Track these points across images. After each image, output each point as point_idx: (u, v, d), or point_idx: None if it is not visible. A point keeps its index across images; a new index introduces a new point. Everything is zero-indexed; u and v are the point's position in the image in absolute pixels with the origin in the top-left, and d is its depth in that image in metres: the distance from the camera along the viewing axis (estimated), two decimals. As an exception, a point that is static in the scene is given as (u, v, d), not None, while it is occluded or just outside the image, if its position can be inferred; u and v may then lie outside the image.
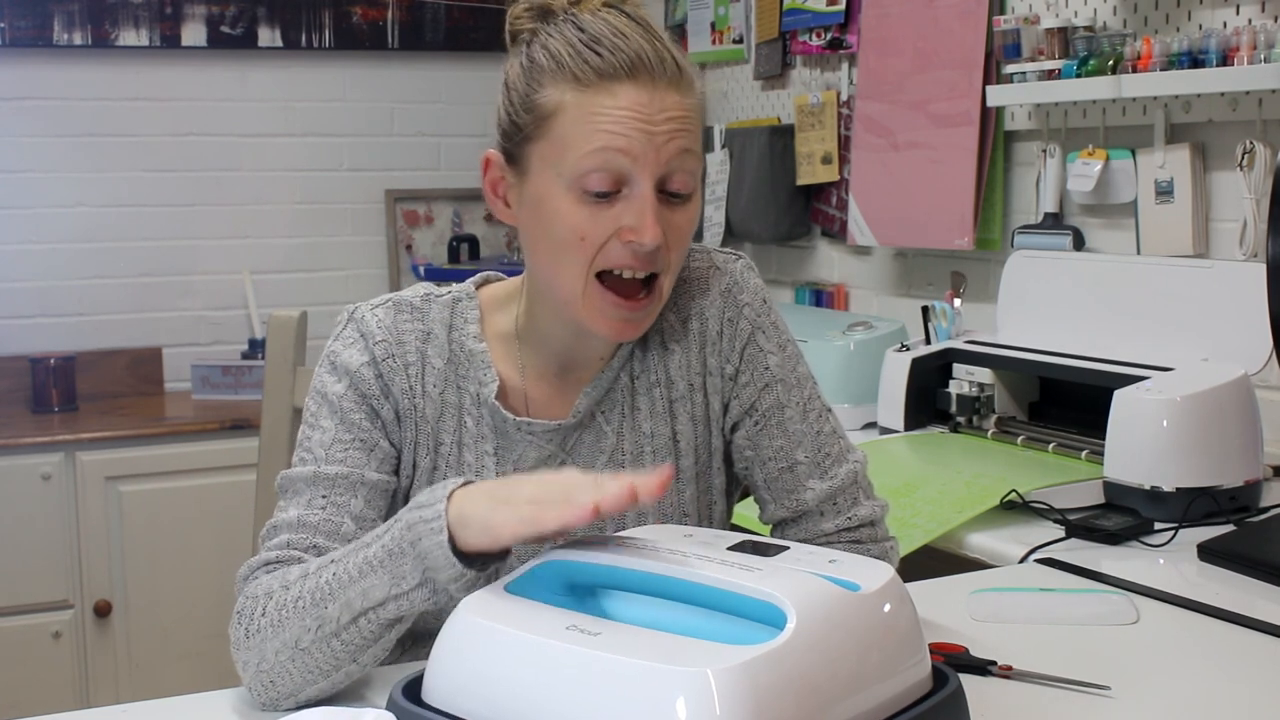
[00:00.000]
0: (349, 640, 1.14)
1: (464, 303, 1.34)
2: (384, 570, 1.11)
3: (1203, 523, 1.71)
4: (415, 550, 1.09)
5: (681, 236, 1.26)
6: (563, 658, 0.93)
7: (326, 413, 1.29)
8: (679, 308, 1.36)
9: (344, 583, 1.13)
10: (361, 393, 1.29)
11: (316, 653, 1.14)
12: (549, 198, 1.24)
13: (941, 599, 1.43)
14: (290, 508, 1.26)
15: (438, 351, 1.32)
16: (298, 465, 1.29)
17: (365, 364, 1.29)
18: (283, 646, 1.15)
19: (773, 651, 0.89)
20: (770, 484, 1.37)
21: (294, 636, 1.15)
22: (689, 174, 1.25)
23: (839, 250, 3.07)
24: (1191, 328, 1.98)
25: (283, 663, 1.15)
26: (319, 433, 1.28)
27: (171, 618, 3.07)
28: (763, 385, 1.35)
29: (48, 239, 3.42)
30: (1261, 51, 1.95)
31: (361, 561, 1.12)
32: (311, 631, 1.14)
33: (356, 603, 1.12)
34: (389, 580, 1.10)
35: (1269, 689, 1.23)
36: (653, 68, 1.22)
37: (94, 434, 3.02)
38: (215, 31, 3.52)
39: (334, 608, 1.13)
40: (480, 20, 3.79)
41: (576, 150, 1.21)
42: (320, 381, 1.31)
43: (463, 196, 3.83)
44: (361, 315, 1.32)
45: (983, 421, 2.20)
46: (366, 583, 1.11)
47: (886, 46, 2.77)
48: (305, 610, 1.14)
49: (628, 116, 1.21)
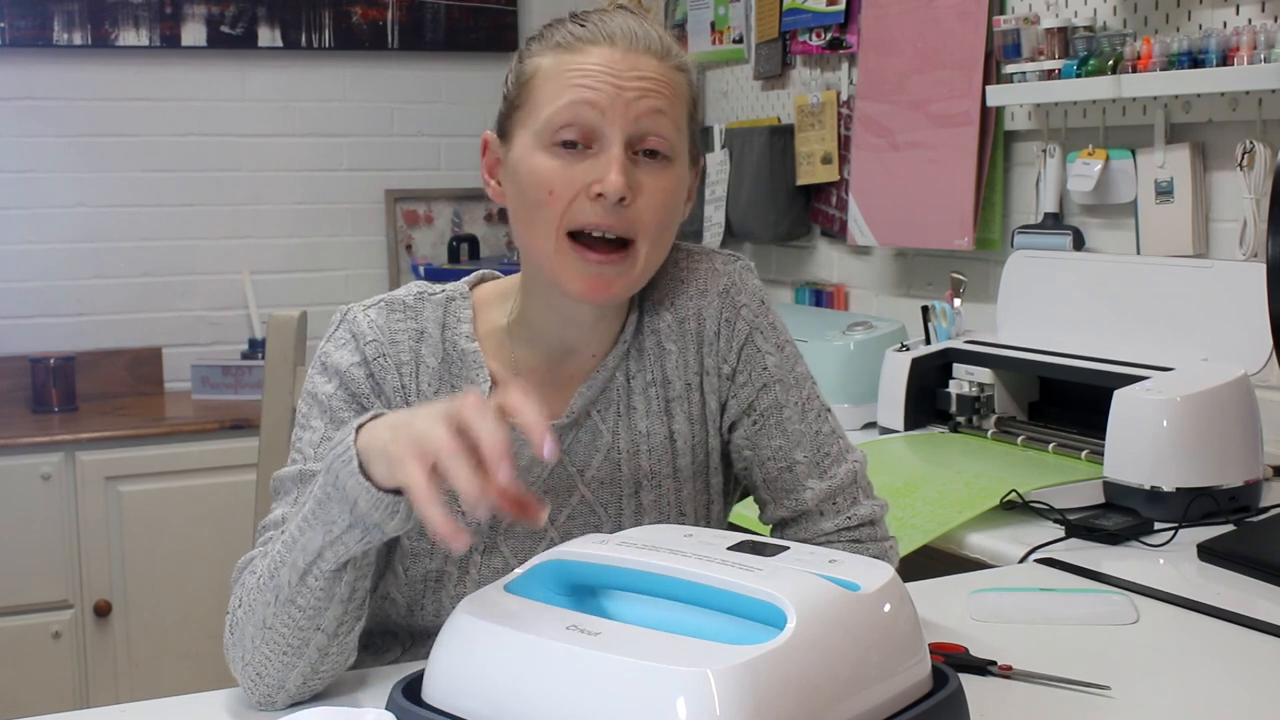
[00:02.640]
0: (304, 605, 1.13)
1: (457, 301, 1.34)
2: (317, 521, 1.11)
3: (1202, 523, 1.71)
4: (338, 489, 1.08)
5: (657, 200, 1.25)
6: (563, 658, 0.93)
7: (317, 413, 1.29)
8: (676, 308, 1.35)
9: (289, 545, 1.13)
10: (351, 392, 1.29)
11: (281, 627, 1.14)
12: (524, 158, 1.26)
13: (941, 599, 1.43)
14: (278, 507, 1.27)
15: (431, 350, 1.31)
16: (290, 464, 1.29)
17: (356, 364, 1.29)
18: (255, 630, 1.16)
19: (773, 651, 0.89)
20: (769, 484, 1.37)
21: (260, 616, 1.15)
22: (663, 134, 1.25)
23: (839, 250, 3.07)
24: (1191, 328, 1.98)
25: (259, 648, 1.16)
26: (309, 433, 1.29)
27: (171, 618, 3.07)
28: (760, 385, 1.35)
29: (48, 239, 3.42)
30: (1261, 51, 1.95)
31: (300, 520, 1.13)
32: (272, 605, 1.14)
33: (299, 561, 1.12)
34: (322, 529, 1.10)
35: (1269, 689, 1.23)
36: (633, 36, 1.26)
37: (94, 434, 3.02)
38: (215, 31, 3.52)
39: (284, 572, 1.14)
40: (480, 20, 3.79)
41: (549, 106, 1.24)
42: (311, 383, 1.31)
43: (463, 196, 3.84)
44: (354, 316, 1.32)
45: (983, 421, 2.20)
46: (305, 538, 1.12)
47: (886, 46, 2.77)
48: (264, 586, 1.15)
49: (599, 71, 1.24)
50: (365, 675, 1.24)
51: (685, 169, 1.30)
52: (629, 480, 1.34)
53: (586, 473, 1.33)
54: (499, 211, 3.87)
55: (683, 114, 1.28)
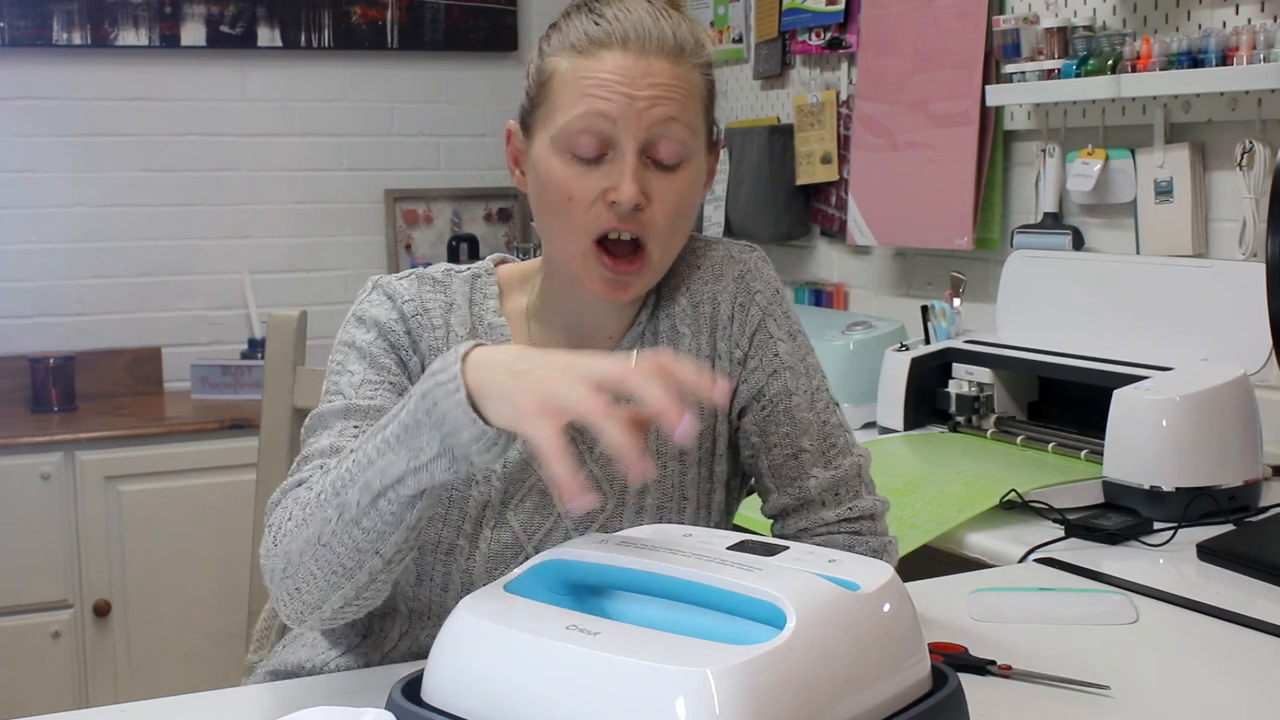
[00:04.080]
0: (370, 526, 1.12)
1: (483, 278, 1.38)
2: (401, 446, 1.09)
3: (1202, 522, 1.71)
4: (432, 417, 1.07)
5: (670, 205, 1.28)
6: (563, 657, 0.93)
7: (355, 358, 1.29)
8: (691, 292, 1.37)
9: (362, 466, 1.11)
10: (390, 342, 1.30)
11: (338, 545, 1.12)
12: (543, 158, 1.28)
13: (941, 599, 1.44)
14: (324, 437, 1.25)
15: (460, 321, 1.34)
16: (327, 404, 1.28)
17: (395, 319, 1.31)
18: (306, 544, 1.14)
19: (773, 651, 0.89)
20: (774, 471, 1.37)
21: (315, 532, 1.13)
22: (676, 142, 1.27)
23: (838, 250, 3.07)
24: (1191, 328, 1.99)
25: (305, 563, 1.14)
26: (347, 376, 1.28)
27: (171, 618, 3.06)
28: (771, 371, 1.37)
29: (47, 239, 3.42)
30: (1261, 51, 1.95)
31: (380, 442, 1.11)
32: (332, 522, 1.12)
33: (375, 482, 1.10)
34: (407, 454, 1.09)
35: (1269, 689, 1.23)
36: (646, 37, 1.26)
37: (93, 434, 3.02)
38: (215, 31, 3.52)
39: (353, 492, 1.12)
40: (480, 20, 3.79)
41: (565, 114, 1.26)
42: (348, 334, 1.31)
43: (462, 196, 3.84)
44: (387, 281, 1.34)
45: (982, 421, 2.20)
46: (384, 461, 1.10)
47: (886, 46, 2.77)
48: (326, 502, 1.13)
49: (612, 81, 1.25)
50: (365, 675, 1.24)
51: (701, 163, 1.32)
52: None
53: (595, 449, 1.34)
54: (498, 211, 3.87)
55: (697, 113, 1.29)
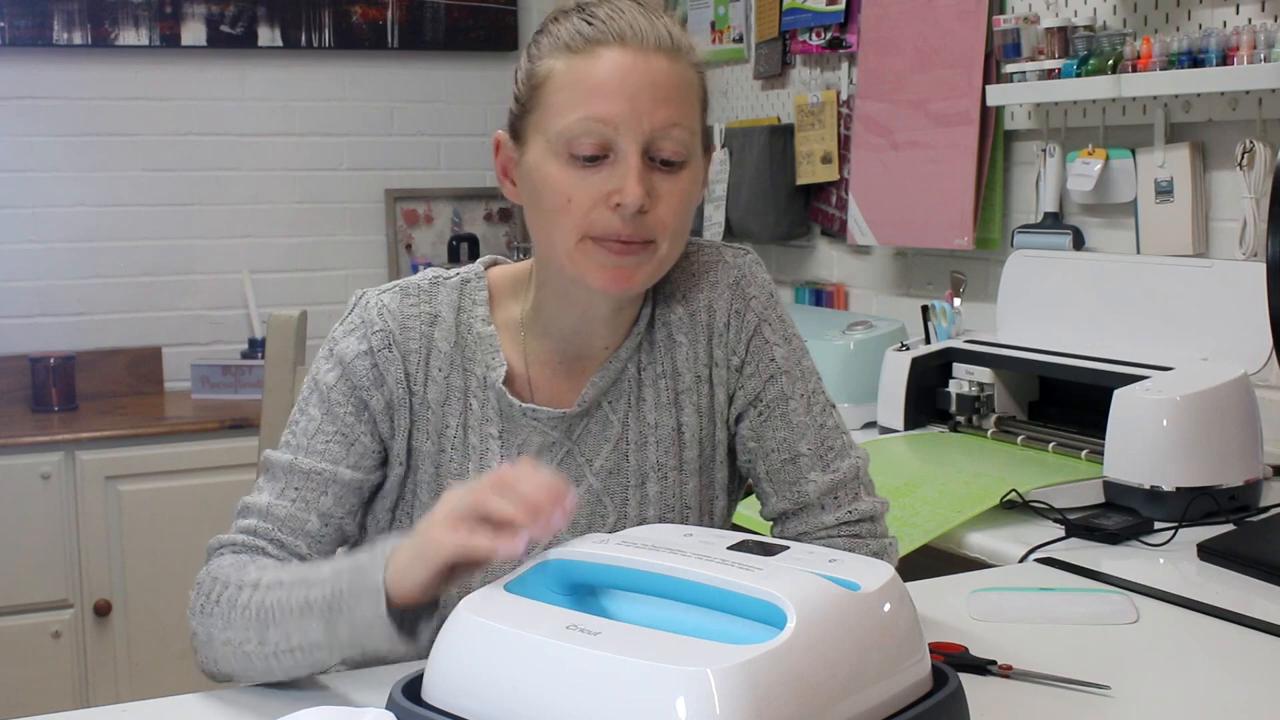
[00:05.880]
0: (288, 664, 1.19)
1: (472, 284, 1.36)
2: (322, 620, 1.15)
3: (1202, 522, 1.71)
4: (353, 616, 1.13)
5: (674, 204, 1.26)
6: (563, 657, 0.93)
7: (315, 401, 1.32)
8: (687, 301, 1.37)
9: (286, 613, 1.17)
10: (352, 384, 1.31)
11: (259, 662, 1.20)
12: (540, 164, 1.26)
13: (941, 599, 1.44)
14: (265, 492, 1.31)
15: (444, 335, 1.33)
16: (281, 449, 1.32)
17: (362, 353, 1.31)
18: (228, 642, 1.21)
19: (773, 651, 0.89)
20: (772, 475, 1.37)
21: (239, 639, 1.20)
22: (678, 142, 1.25)
23: (839, 250, 3.07)
24: (1191, 327, 1.98)
25: (228, 655, 1.22)
26: (305, 419, 1.32)
27: (171, 617, 3.06)
28: (768, 376, 1.37)
29: (48, 239, 3.42)
30: (1261, 51, 1.94)
31: (303, 600, 1.16)
32: (254, 643, 1.19)
33: (294, 637, 1.17)
34: (324, 630, 1.15)
35: (1269, 689, 1.23)
36: (643, 35, 1.25)
37: (94, 433, 3.02)
38: (215, 31, 3.52)
39: (275, 632, 1.18)
40: (480, 20, 3.79)
41: (563, 116, 1.24)
42: (317, 367, 1.34)
43: (462, 196, 3.84)
44: (366, 301, 1.34)
45: (982, 421, 2.20)
46: (305, 623, 1.16)
47: (886, 46, 2.77)
48: (250, 623, 1.19)
49: (611, 80, 1.23)
50: (365, 675, 1.24)
51: (700, 164, 1.31)
52: (635, 471, 1.35)
53: (595, 462, 1.34)
54: (499, 211, 3.87)
55: (695, 114, 1.29)
